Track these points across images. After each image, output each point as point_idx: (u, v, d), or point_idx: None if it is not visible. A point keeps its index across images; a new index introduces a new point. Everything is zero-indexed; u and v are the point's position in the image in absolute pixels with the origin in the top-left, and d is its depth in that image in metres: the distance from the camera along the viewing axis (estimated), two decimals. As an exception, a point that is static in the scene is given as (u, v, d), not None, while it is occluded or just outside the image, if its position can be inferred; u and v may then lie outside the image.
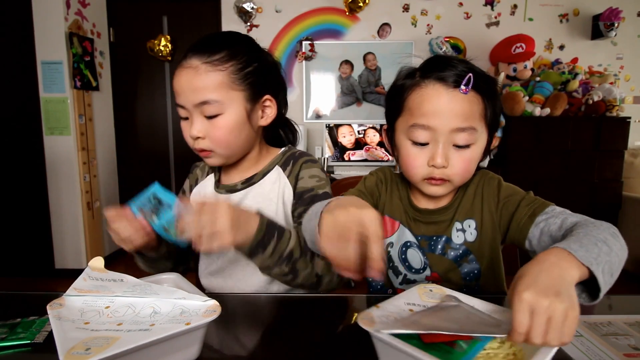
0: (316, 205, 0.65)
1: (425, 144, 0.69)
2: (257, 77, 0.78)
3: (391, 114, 0.76)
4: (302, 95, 3.31)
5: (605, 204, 2.89)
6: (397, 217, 0.81)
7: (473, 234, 0.77)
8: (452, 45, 3.21)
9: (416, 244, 0.80)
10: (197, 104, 0.74)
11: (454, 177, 0.70)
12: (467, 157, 0.69)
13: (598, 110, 2.83)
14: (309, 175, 0.84)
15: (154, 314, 0.53)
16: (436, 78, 0.68)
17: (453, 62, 0.68)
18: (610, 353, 0.53)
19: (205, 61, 0.73)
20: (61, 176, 2.80)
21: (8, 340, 0.56)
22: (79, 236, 2.87)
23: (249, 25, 3.21)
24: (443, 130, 0.67)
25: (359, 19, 3.24)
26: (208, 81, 0.73)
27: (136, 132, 3.37)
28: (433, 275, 0.79)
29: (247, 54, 0.78)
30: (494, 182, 0.77)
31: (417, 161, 0.70)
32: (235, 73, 0.75)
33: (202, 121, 0.76)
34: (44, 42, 2.67)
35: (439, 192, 0.73)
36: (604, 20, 3.06)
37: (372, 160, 3.13)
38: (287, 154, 0.88)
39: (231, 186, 0.86)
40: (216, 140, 0.76)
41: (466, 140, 0.68)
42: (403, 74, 0.74)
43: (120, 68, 3.26)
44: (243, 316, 0.67)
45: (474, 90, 0.67)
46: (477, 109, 0.68)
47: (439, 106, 0.66)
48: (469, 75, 0.65)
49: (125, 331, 0.48)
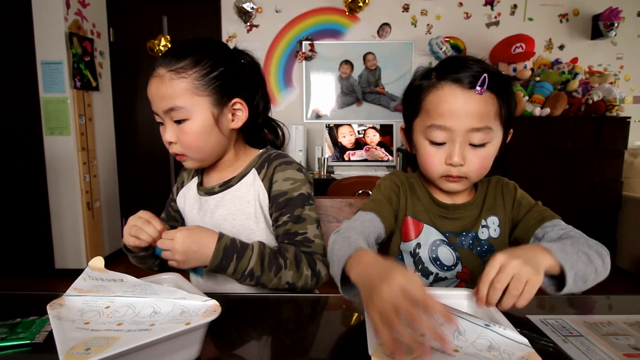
0: (339, 244, 0.62)
1: (443, 144, 0.72)
2: (223, 81, 0.79)
3: (409, 113, 0.78)
4: (302, 95, 3.31)
5: (605, 204, 2.88)
6: (420, 217, 0.82)
7: (497, 230, 0.80)
8: (452, 45, 3.21)
9: (445, 240, 0.80)
10: (166, 110, 0.78)
11: (471, 173, 0.73)
12: (483, 154, 0.72)
13: (598, 110, 2.83)
14: (283, 178, 0.84)
15: (154, 314, 0.54)
16: (452, 79, 0.69)
17: (468, 63, 0.70)
18: (610, 353, 0.53)
19: (170, 69, 0.76)
20: (61, 176, 2.80)
21: (8, 340, 0.56)
22: (79, 236, 2.87)
23: (249, 25, 3.21)
24: (460, 131, 0.69)
25: (359, 19, 3.24)
26: (172, 89, 0.76)
27: (136, 132, 3.37)
28: (464, 270, 0.80)
29: (213, 59, 0.79)
30: (511, 185, 0.83)
31: (435, 159, 0.73)
32: (198, 79, 0.77)
33: (173, 126, 0.80)
34: (44, 42, 2.67)
35: (456, 188, 0.76)
36: (603, 20, 3.06)
37: (372, 160, 3.13)
38: (263, 156, 0.89)
39: (209, 189, 0.89)
40: (186, 144, 0.80)
41: (482, 139, 0.70)
42: (419, 75, 0.76)
43: (120, 68, 3.26)
44: (243, 316, 0.67)
45: (488, 90, 0.68)
46: (492, 109, 0.70)
47: (456, 107, 0.69)
48: (484, 76, 0.67)
49: (125, 331, 0.48)
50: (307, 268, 0.79)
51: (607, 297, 0.77)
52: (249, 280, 0.76)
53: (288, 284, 0.78)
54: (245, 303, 0.73)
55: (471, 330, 0.50)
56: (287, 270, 0.77)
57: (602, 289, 0.67)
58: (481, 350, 0.46)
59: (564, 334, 0.59)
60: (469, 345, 0.47)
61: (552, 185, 2.88)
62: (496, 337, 0.48)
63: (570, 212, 2.87)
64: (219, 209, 0.86)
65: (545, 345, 0.56)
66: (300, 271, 0.78)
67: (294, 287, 0.79)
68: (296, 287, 0.79)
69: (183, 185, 0.97)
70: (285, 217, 0.82)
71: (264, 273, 0.75)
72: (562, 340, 0.57)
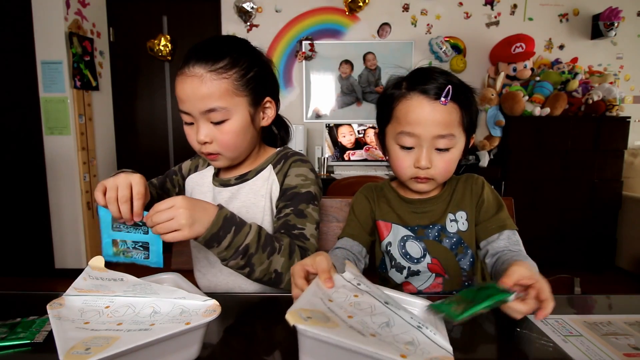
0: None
1: (411, 148, 0.79)
2: (258, 82, 0.81)
3: (382, 120, 0.85)
4: (302, 95, 3.31)
5: (605, 204, 2.88)
6: (388, 219, 0.90)
7: (465, 224, 0.86)
8: (452, 45, 3.21)
9: (412, 235, 0.87)
10: (204, 111, 0.76)
11: (437, 175, 0.80)
12: (447, 158, 0.79)
13: (598, 110, 2.83)
14: (296, 174, 0.87)
15: (154, 313, 0.54)
16: (420, 90, 0.77)
17: (435, 75, 0.78)
18: (610, 353, 0.53)
19: (210, 69, 0.75)
20: (61, 176, 2.80)
21: (8, 340, 0.56)
22: (79, 236, 2.87)
23: (249, 25, 3.21)
24: (426, 137, 0.77)
25: (359, 19, 3.24)
26: (214, 89, 0.75)
27: (136, 132, 3.37)
28: (433, 261, 0.85)
29: (248, 59, 0.80)
30: (479, 182, 0.88)
31: (405, 163, 0.80)
32: (238, 80, 0.78)
33: (209, 127, 0.78)
34: (44, 42, 2.67)
35: (424, 188, 0.83)
36: (603, 20, 3.06)
37: (372, 160, 3.13)
38: (280, 154, 0.92)
39: (225, 180, 0.90)
40: (224, 144, 0.80)
41: (446, 144, 0.78)
42: (391, 84, 0.84)
43: (120, 68, 3.26)
44: (243, 316, 0.67)
45: (452, 101, 0.76)
46: (455, 117, 0.77)
47: (422, 116, 0.76)
48: (448, 87, 0.75)
49: (125, 331, 0.48)
50: (298, 259, 0.77)
51: (607, 297, 0.77)
52: (240, 258, 0.72)
53: (275, 273, 0.75)
54: (245, 303, 0.73)
55: (400, 326, 0.49)
56: (280, 256, 0.75)
57: (602, 289, 0.67)
58: (398, 342, 0.44)
59: (564, 333, 0.59)
60: (389, 335, 0.46)
61: (552, 185, 2.88)
62: (422, 337, 0.47)
63: (570, 212, 2.88)
64: (232, 201, 0.88)
65: (545, 345, 0.56)
66: (291, 261, 0.76)
67: (279, 279, 0.76)
68: (281, 280, 0.76)
69: (197, 169, 0.99)
70: (289, 209, 0.83)
71: (257, 252, 0.73)
72: (562, 340, 0.57)
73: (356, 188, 1.00)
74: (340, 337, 0.40)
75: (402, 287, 0.88)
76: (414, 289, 0.87)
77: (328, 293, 0.54)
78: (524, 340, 0.58)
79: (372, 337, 0.43)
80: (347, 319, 0.47)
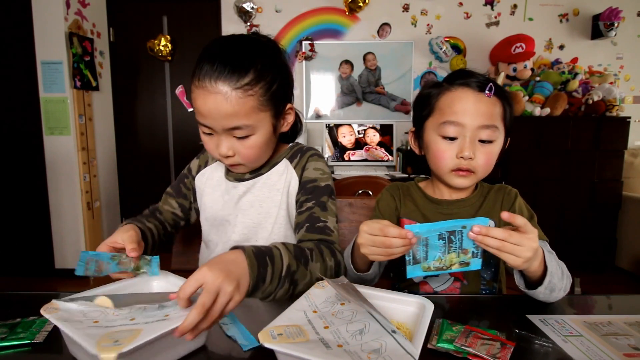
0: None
1: (454, 139, 0.79)
2: (281, 92, 0.78)
3: (420, 117, 0.86)
4: (302, 95, 3.31)
5: (605, 204, 2.88)
6: (413, 217, 0.89)
7: None
8: (452, 45, 3.21)
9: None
10: (229, 128, 0.75)
11: (479, 168, 0.79)
12: (489, 151, 0.79)
13: (598, 110, 2.83)
14: (314, 168, 0.88)
15: (162, 307, 0.55)
16: (463, 84, 0.79)
17: (475, 73, 0.81)
18: (610, 353, 0.53)
19: (235, 87, 0.71)
20: (61, 176, 2.80)
21: (8, 340, 0.56)
22: (79, 236, 2.87)
23: (249, 25, 3.21)
24: (471, 126, 0.77)
25: (359, 19, 3.24)
26: (239, 108, 0.72)
27: (136, 132, 3.37)
28: None
29: (272, 68, 0.76)
30: (512, 193, 0.87)
31: (447, 154, 0.79)
32: (263, 95, 0.74)
33: (231, 141, 0.77)
34: (44, 42, 2.67)
35: (464, 183, 0.81)
36: (603, 20, 3.06)
37: (372, 160, 3.13)
38: (294, 149, 0.93)
39: (240, 175, 0.90)
40: (247, 157, 0.80)
41: (489, 136, 0.78)
42: (429, 85, 0.86)
43: (120, 68, 3.26)
44: (244, 309, 0.67)
45: (495, 95, 0.78)
46: (498, 111, 0.79)
47: (467, 106, 0.77)
48: (491, 83, 0.77)
49: (142, 323, 0.50)
50: (330, 258, 0.76)
51: (607, 297, 0.77)
52: (287, 282, 0.67)
53: (316, 280, 0.71)
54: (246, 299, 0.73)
55: (374, 332, 0.50)
56: (315, 262, 0.73)
57: (602, 289, 0.68)
58: (364, 350, 0.46)
59: (564, 334, 0.59)
60: (357, 344, 0.47)
61: (552, 185, 2.88)
62: (392, 343, 0.47)
63: (570, 212, 2.88)
64: (247, 195, 0.88)
65: (545, 345, 0.56)
66: (325, 263, 0.75)
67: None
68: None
69: (207, 164, 0.97)
70: (311, 202, 0.84)
71: (299, 267, 0.70)
72: (562, 340, 0.57)
73: (356, 188, 1.00)
74: (298, 353, 0.44)
75: (419, 286, 0.87)
76: (430, 289, 0.86)
77: (316, 303, 0.58)
78: (524, 340, 0.58)
79: (339, 348, 0.46)
80: (323, 330, 0.51)
